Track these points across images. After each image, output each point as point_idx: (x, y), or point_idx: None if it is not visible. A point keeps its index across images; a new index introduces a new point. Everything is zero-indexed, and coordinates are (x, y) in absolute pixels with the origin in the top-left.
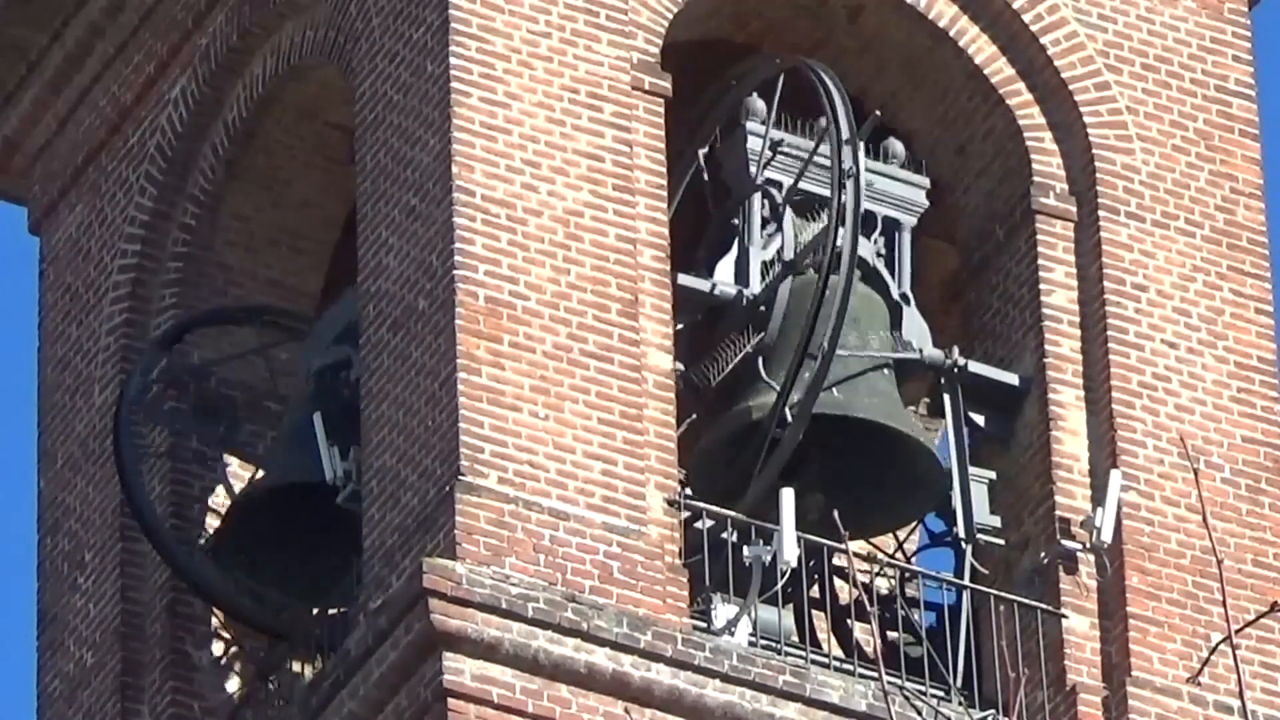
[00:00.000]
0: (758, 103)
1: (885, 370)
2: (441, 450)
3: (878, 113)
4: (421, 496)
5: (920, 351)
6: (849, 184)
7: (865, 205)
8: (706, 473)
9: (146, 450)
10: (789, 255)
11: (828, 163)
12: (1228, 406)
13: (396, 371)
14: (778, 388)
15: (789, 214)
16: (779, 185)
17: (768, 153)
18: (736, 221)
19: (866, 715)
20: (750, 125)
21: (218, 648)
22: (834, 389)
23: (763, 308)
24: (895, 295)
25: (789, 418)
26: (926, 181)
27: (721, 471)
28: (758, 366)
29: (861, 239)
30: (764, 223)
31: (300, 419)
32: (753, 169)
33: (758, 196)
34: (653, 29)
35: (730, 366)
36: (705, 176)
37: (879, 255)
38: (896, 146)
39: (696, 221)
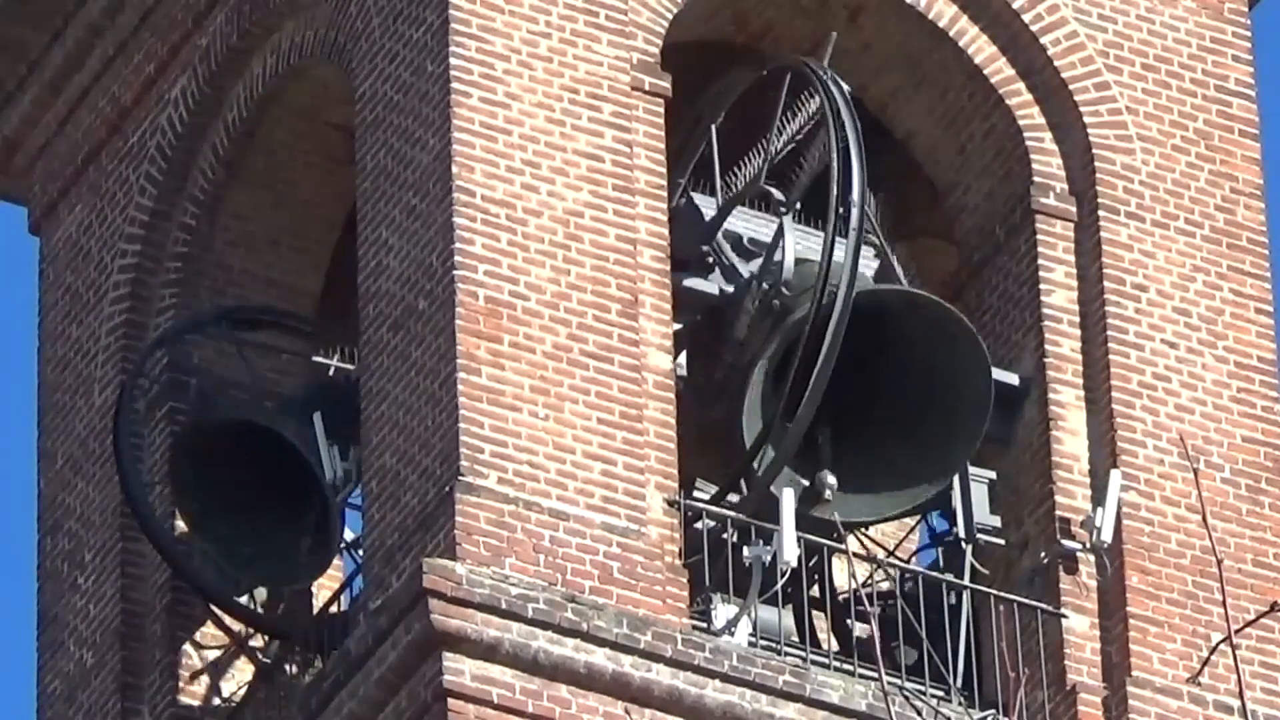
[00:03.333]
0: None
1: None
2: (441, 450)
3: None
4: (421, 496)
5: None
6: (842, 282)
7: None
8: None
9: (146, 450)
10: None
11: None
12: (1228, 406)
13: (396, 371)
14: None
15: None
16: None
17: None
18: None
19: (866, 715)
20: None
21: (218, 648)
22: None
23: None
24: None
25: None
26: (875, 264)
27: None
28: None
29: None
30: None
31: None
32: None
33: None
34: (653, 29)
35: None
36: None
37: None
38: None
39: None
